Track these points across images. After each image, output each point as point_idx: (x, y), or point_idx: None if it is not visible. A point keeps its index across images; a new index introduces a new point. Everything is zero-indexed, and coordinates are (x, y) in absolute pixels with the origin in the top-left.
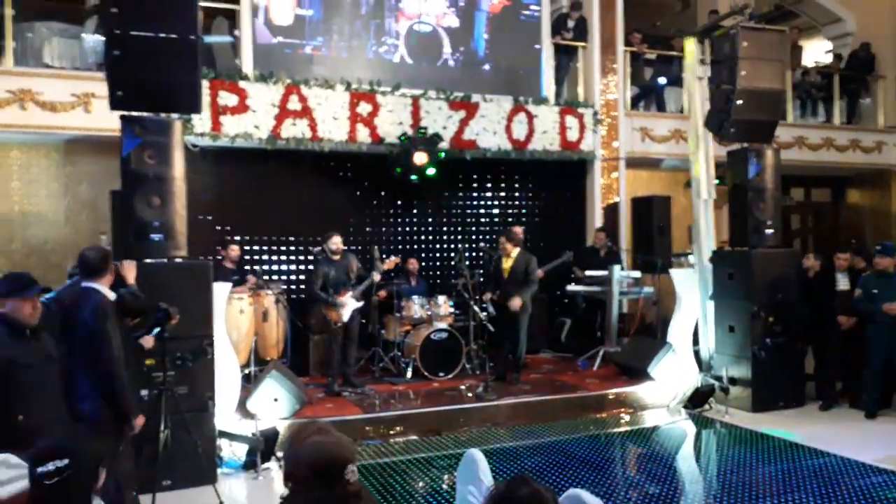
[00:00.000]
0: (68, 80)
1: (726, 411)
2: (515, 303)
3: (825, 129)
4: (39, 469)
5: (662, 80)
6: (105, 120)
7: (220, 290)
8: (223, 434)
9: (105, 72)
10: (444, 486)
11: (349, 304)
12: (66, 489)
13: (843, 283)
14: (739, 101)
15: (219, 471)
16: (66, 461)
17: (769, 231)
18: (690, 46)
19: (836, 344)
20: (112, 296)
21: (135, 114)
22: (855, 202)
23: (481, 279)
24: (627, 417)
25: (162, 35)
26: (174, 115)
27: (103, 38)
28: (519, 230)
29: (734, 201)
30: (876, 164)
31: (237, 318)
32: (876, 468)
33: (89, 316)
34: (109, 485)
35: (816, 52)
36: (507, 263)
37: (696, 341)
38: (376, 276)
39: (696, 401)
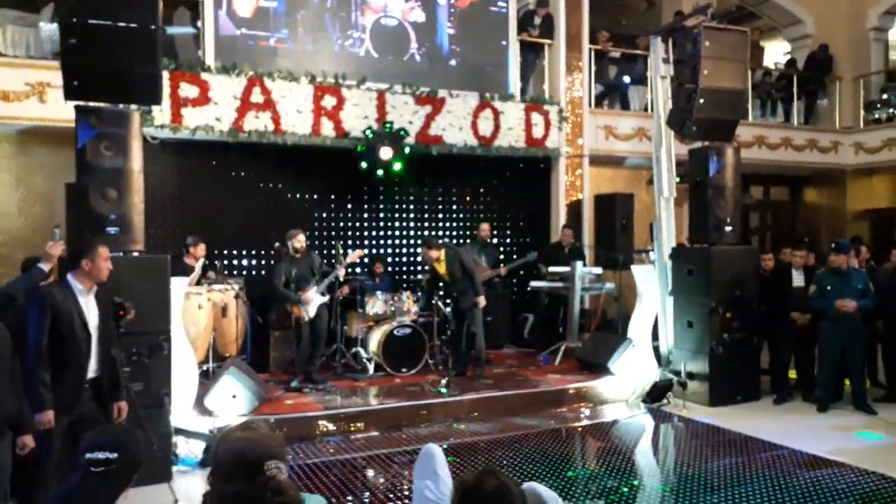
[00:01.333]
0: (22, 69)
1: (684, 405)
2: (482, 301)
3: (784, 129)
4: (89, 455)
5: (627, 79)
6: (60, 110)
7: (178, 284)
8: (179, 431)
9: (60, 60)
10: (405, 482)
11: (314, 301)
12: (105, 480)
13: (798, 279)
14: (701, 100)
15: (174, 468)
16: (115, 454)
17: (728, 228)
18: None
19: (790, 340)
20: (75, 286)
21: (91, 104)
22: (812, 201)
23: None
24: (587, 412)
25: (121, 24)
26: (132, 106)
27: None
28: (486, 226)
29: (695, 199)
30: (832, 164)
31: (195, 313)
32: (827, 460)
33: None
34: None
35: (777, 53)
36: (441, 268)
37: (655, 337)
38: (340, 272)
39: (655, 395)
